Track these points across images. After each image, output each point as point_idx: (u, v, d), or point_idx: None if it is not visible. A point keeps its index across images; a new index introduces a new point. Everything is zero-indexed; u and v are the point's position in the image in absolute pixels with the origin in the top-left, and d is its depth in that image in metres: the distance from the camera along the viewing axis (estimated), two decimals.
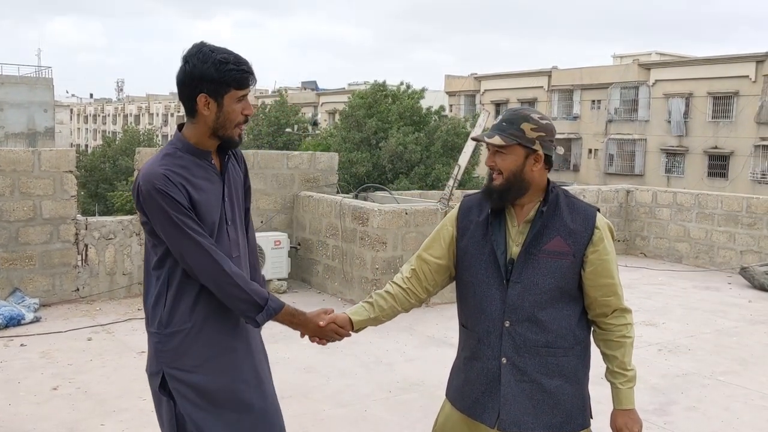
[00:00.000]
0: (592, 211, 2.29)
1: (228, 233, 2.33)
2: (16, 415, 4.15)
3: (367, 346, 5.58)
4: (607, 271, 2.25)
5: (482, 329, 2.30)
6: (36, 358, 5.17)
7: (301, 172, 8.10)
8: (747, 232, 9.21)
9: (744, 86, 30.86)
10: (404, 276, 2.46)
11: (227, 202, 2.34)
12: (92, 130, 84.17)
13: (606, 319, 2.31)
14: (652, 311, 7.10)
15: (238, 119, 2.25)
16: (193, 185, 2.23)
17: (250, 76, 2.23)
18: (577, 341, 2.29)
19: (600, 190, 10.51)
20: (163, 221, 2.18)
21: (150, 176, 2.18)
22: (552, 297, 2.23)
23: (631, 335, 2.32)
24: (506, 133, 2.22)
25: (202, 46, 2.23)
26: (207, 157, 2.29)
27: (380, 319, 2.45)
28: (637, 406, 4.68)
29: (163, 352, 2.28)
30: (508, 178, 2.23)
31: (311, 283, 7.84)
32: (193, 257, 2.19)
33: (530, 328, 2.24)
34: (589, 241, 2.23)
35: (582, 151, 37.36)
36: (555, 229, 2.23)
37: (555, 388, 2.26)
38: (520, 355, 2.25)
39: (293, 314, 2.35)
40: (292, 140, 42.83)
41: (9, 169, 6.39)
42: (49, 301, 6.59)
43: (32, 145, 33.11)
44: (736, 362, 5.54)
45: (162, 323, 2.27)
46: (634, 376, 2.33)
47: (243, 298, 2.23)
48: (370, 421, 4.22)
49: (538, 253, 2.22)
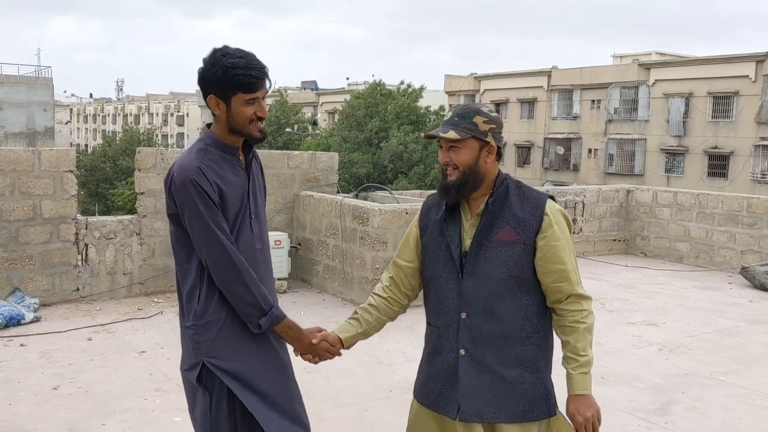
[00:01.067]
0: (543, 199, 2.30)
1: (252, 226, 2.42)
2: (16, 415, 4.15)
3: (367, 346, 5.56)
4: (557, 257, 2.26)
5: (442, 323, 2.36)
6: (36, 358, 5.17)
7: (302, 171, 8.10)
8: (747, 231, 9.21)
9: (744, 86, 30.84)
10: (384, 285, 2.53)
11: (251, 196, 2.44)
12: (92, 129, 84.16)
13: (561, 305, 2.30)
14: (652, 311, 7.10)
15: (252, 118, 2.33)
16: (223, 180, 2.33)
17: (258, 81, 2.30)
18: (535, 330, 2.30)
19: (600, 189, 10.51)
20: (191, 212, 2.28)
21: (186, 168, 2.29)
22: (507, 287, 2.26)
23: (586, 321, 2.28)
24: (460, 128, 2.27)
25: (218, 50, 2.32)
26: (234, 153, 2.40)
27: (368, 332, 2.52)
28: (639, 406, 4.71)
29: (201, 343, 2.35)
30: (464, 172, 2.27)
31: (311, 282, 7.84)
32: (210, 251, 2.28)
33: (486, 319, 2.27)
34: (539, 228, 2.26)
35: (582, 151, 37.34)
36: (504, 219, 2.27)
37: (515, 377, 2.28)
38: (478, 346, 2.28)
39: (291, 327, 2.43)
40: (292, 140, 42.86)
41: (9, 168, 6.39)
42: (49, 301, 6.58)
43: (32, 145, 33.11)
44: (736, 362, 5.54)
45: (197, 315, 2.35)
46: (588, 361, 2.26)
47: (248, 300, 2.31)
48: (371, 422, 4.22)
49: (489, 244, 2.26)
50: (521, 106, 39.99)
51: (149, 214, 7.10)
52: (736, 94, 31.12)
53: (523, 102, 39.75)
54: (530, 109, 39.62)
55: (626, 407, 4.51)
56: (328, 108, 52.98)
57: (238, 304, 2.31)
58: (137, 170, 7.10)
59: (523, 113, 39.95)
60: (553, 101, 38.48)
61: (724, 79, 31.29)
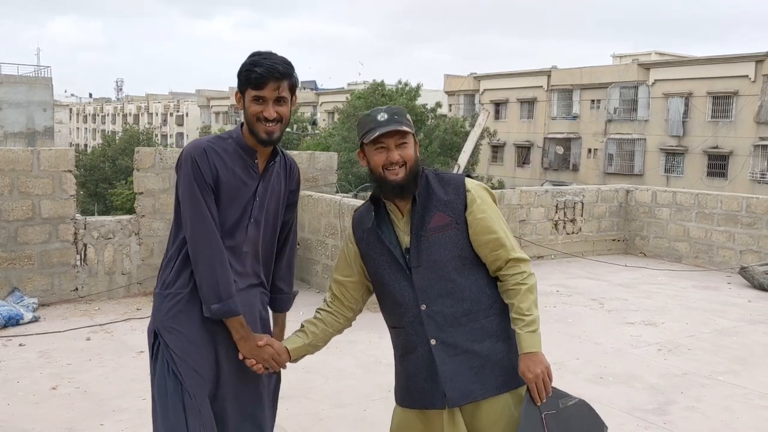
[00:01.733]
0: (461, 179, 2.41)
1: (247, 229, 2.46)
2: (14, 415, 4.15)
3: (366, 346, 5.58)
4: (487, 227, 2.35)
5: (406, 321, 2.39)
6: (34, 358, 5.17)
7: (301, 171, 8.08)
8: (746, 231, 9.21)
9: (743, 86, 30.85)
10: (328, 301, 2.58)
11: (258, 201, 2.47)
12: (91, 129, 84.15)
13: (501, 271, 2.37)
14: (651, 311, 7.10)
15: (258, 116, 2.38)
16: (227, 169, 2.40)
17: (263, 78, 2.34)
18: (493, 300, 2.38)
19: (599, 189, 10.51)
20: (184, 186, 2.37)
21: (193, 145, 2.42)
22: (454, 267, 2.34)
23: (527, 282, 2.33)
24: (404, 124, 2.34)
25: (252, 53, 2.41)
26: (250, 154, 2.46)
27: (315, 344, 2.53)
28: (637, 405, 4.69)
29: (158, 311, 2.44)
30: (411, 168, 2.34)
31: (310, 282, 7.84)
32: (194, 228, 2.36)
33: (445, 303, 2.33)
34: (465, 206, 2.36)
35: (581, 151, 37.36)
36: (433, 207, 2.36)
37: (488, 350, 2.34)
38: (445, 331, 2.33)
39: (242, 325, 2.43)
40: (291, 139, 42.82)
41: (8, 168, 6.39)
42: (47, 301, 6.58)
43: (31, 145, 33.09)
44: (735, 362, 5.53)
45: (165, 284, 2.44)
46: (533, 320, 2.30)
47: (209, 281, 2.36)
48: (370, 422, 4.22)
49: (426, 234, 2.34)
50: (521, 105, 40.00)
51: (148, 214, 7.10)
52: (735, 94, 31.13)
53: (523, 102, 39.76)
54: (530, 109, 39.63)
55: (624, 407, 4.51)
56: (327, 108, 52.98)
57: (200, 282, 2.36)
58: (136, 170, 7.10)
59: (523, 113, 39.96)
60: (553, 101, 38.50)
61: (724, 79, 31.30)
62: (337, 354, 5.31)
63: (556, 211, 9.87)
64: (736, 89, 31.01)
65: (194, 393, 2.37)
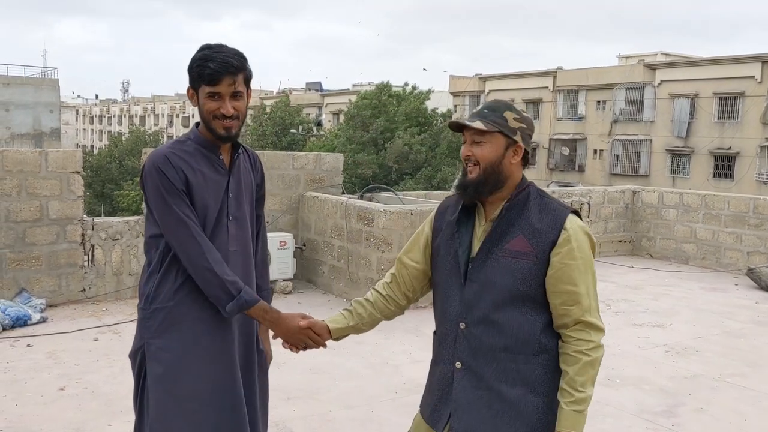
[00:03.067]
0: (564, 212, 2.12)
1: (228, 227, 2.38)
2: (23, 416, 4.16)
3: (373, 347, 5.57)
4: (570, 277, 2.06)
5: (442, 332, 2.23)
6: (42, 359, 5.18)
7: (307, 172, 8.10)
8: (754, 233, 9.17)
9: (750, 87, 30.74)
10: (385, 282, 2.39)
11: (232, 197, 2.40)
12: (97, 130, 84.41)
13: (567, 330, 2.09)
14: (659, 313, 7.08)
15: (215, 113, 2.30)
16: (194, 171, 2.32)
17: (218, 73, 2.25)
18: (544, 349, 2.10)
19: (606, 190, 10.49)
20: (156, 198, 2.29)
21: (153, 156, 2.32)
22: (511, 298, 2.09)
23: (591, 354, 2.05)
24: (488, 120, 2.11)
25: (201, 46, 2.33)
26: (213, 150, 2.38)
27: (360, 327, 2.36)
28: (646, 408, 4.69)
29: (146, 327, 2.36)
30: (485, 169, 2.11)
31: (317, 283, 7.84)
32: (177, 236, 2.28)
33: (486, 331, 2.10)
34: (554, 243, 2.07)
35: (587, 152, 37.28)
36: (519, 228, 2.10)
37: (517, 397, 2.09)
38: (476, 359, 2.12)
39: (266, 310, 2.35)
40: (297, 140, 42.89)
41: (16, 169, 6.41)
42: (55, 302, 6.60)
43: (38, 146, 33.21)
44: (744, 364, 5.51)
45: (148, 299, 2.36)
46: (584, 399, 2.04)
47: (216, 283, 2.27)
48: (377, 422, 4.21)
49: (498, 253, 2.10)
50: (526, 106, 39.90)
51: None
52: (741, 95, 31.01)
53: (529, 103, 39.69)
54: (535, 110, 39.58)
55: (633, 409, 4.49)
56: (332, 109, 53.03)
57: (206, 287, 2.28)
58: None
59: (529, 114, 39.77)
60: (559, 102, 38.43)
61: (730, 80, 31.19)
62: (345, 355, 5.31)
63: None
64: (743, 90, 30.90)
65: (194, 410, 2.32)
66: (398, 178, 32.00)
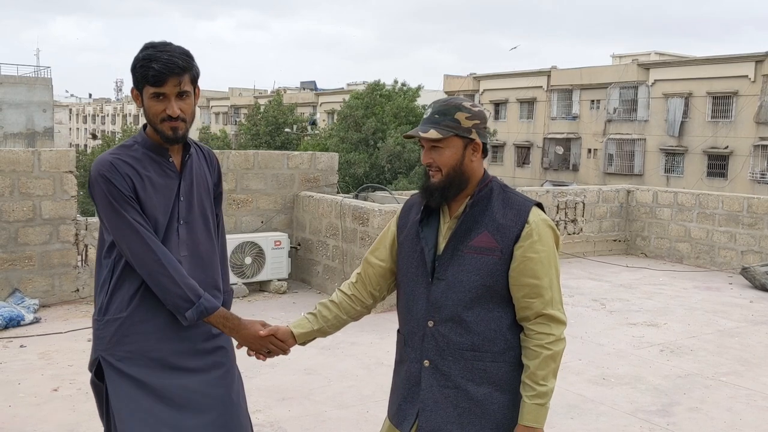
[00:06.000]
0: (527, 205, 2.11)
1: (178, 232, 2.33)
2: (16, 417, 4.13)
3: (367, 347, 5.56)
4: (532, 270, 2.05)
5: (407, 330, 2.21)
6: (35, 359, 5.15)
7: (302, 172, 8.08)
8: (748, 232, 9.20)
9: (743, 86, 30.86)
10: (350, 282, 2.37)
11: (183, 200, 2.34)
12: (91, 130, 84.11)
13: (528, 323, 2.08)
14: (653, 312, 7.09)
15: (162, 116, 2.23)
16: (141, 177, 2.26)
17: (162, 74, 2.17)
18: (510, 347, 2.10)
19: (600, 190, 10.50)
20: (104, 206, 2.23)
21: (98, 163, 2.26)
22: (478, 296, 2.08)
23: (552, 348, 2.05)
24: (441, 126, 2.08)
25: (145, 44, 2.26)
26: (161, 153, 2.32)
27: (326, 330, 2.34)
28: (640, 407, 4.68)
29: (100, 339, 2.33)
30: (448, 174, 2.10)
31: (311, 283, 7.82)
32: (130, 244, 2.21)
33: (454, 329, 2.09)
34: (518, 237, 2.06)
35: (581, 151, 37.35)
36: (483, 224, 2.09)
37: (483, 396, 2.09)
38: (444, 358, 2.11)
39: (226, 317, 2.31)
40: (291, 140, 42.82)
41: (8, 169, 6.37)
42: (48, 302, 6.56)
43: (31, 145, 33.09)
44: (738, 363, 5.52)
45: (101, 310, 2.32)
46: (546, 392, 2.04)
47: (174, 291, 2.22)
48: (372, 423, 4.20)
49: (464, 249, 2.09)
50: (521, 106, 40.00)
51: None
52: (735, 94, 31.13)
53: (523, 102, 39.75)
54: (530, 110, 39.63)
55: (627, 408, 4.49)
56: (327, 108, 52.98)
57: (165, 296, 2.23)
58: None
59: (523, 113, 39.96)
60: (553, 101, 38.49)
61: (724, 79, 31.30)
62: (339, 355, 5.30)
63: (557, 212, 9.86)
64: (736, 89, 31.01)
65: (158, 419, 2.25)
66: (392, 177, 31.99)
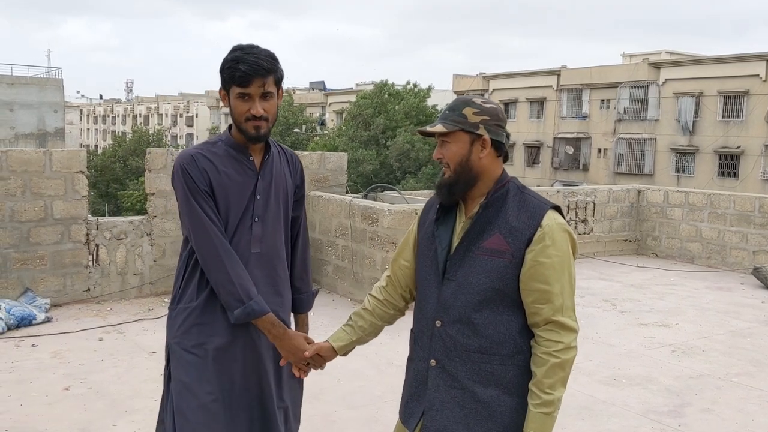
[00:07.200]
0: (543, 209, 2.07)
1: (252, 229, 2.39)
2: (28, 416, 4.16)
3: (378, 347, 5.55)
4: (543, 275, 2.01)
5: (417, 329, 2.22)
6: (47, 359, 5.18)
7: (311, 172, 8.08)
8: (759, 232, 9.13)
9: (755, 85, 30.66)
10: (380, 286, 2.39)
11: (260, 198, 2.41)
12: (101, 130, 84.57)
13: (537, 330, 2.06)
14: (664, 312, 7.05)
15: (246, 115, 2.32)
16: (219, 172, 2.35)
17: (247, 75, 2.27)
18: (519, 350, 2.07)
19: (611, 190, 10.45)
20: (181, 197, 2.34)
21: (181, 155, 2.38)
22: (487, 298, 2.06)
23: (560, 356, 2.01)
24: (448, 121, 2.11)
25: (233, 47, 2.35)
26: (243, 151, 2.41)
27: (364, 338, 2.38)
28: (652, 408, 4.66)
29: (171, 328, 2.41)
30: (455, 169, 2.10)
31: (321, 283, 7.83)
32: (196, 236, 2.32)
33: (461, 331, 2.08)
34: (530, 240, 2.03)
35: (591, 151, 37.22)
36: (496, 226, 2.06)
37: (491, 398, 2.06)
38: (451, 358, 2.10)
39: (273, 324, 2.35)
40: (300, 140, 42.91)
41: (20, 169, 6.41)
42: (60, 302, 6.60)
43: (42, 146, 33.27)
44: (750, 363, 5.49)
45: (175, 299, 2.42)
46: (552, 401, 2.00)
47: (227, 288, 2.29)
48: (382, 423, 4.20)
49: (475, 251, 2.07)
50: (530, 105, 39.89)
51: (160, 214, 7.11)
52: (746, 94, 30.93)
53: (533, 101, 39.64)
54: (539, 109, 39.52)
55: (639, 409, 4.47)
56: (336, 108, 53.03)
57: (218, 290, 2.31)
58: (148, 171, 7.11)
59: (533, 113, 39.86)
60: (563, 101, 38.36)
61: (735, 79, 31.11)
62: (349, 355, 5.27)
63: (567, 212, 9.82)
64: (747, 89, 30.82)
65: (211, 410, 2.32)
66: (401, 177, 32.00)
